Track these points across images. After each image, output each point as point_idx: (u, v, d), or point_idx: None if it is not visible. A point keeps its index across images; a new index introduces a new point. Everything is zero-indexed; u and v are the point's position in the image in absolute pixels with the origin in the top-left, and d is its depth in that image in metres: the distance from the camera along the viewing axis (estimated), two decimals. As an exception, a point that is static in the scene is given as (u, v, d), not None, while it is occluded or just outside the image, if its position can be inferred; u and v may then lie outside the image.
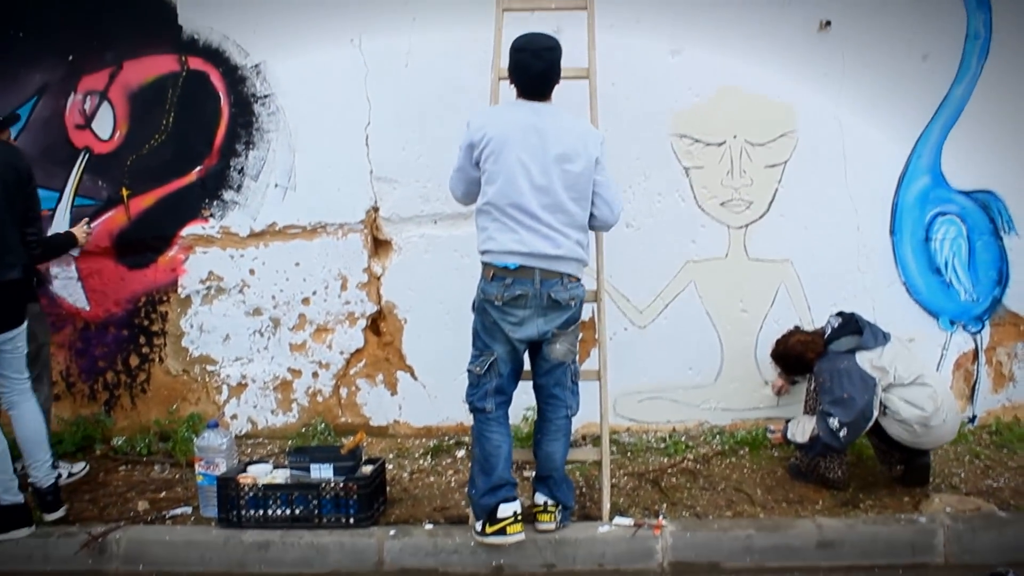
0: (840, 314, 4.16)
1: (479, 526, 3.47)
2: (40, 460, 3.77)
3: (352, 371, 4.75)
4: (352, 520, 3.67)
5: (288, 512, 3.68)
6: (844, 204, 4.60)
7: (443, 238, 4.58)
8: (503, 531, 3.41)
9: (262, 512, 3.68)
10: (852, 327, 4.03)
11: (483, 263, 3.47)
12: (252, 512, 3.69)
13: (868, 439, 4.05)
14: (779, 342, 4.27)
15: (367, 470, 3.81)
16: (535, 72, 3.42)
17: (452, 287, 4.38)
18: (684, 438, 4.63)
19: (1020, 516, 3.72)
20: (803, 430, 3.96)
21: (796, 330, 4.31)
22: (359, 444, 3.89)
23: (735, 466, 4.35)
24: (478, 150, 3.40)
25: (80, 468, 4.35)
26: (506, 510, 3.42)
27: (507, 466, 3.51)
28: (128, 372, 4.80)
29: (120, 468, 4.51)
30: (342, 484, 3.67)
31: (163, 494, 4.18)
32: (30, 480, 3.79)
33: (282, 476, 3.82)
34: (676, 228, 4.59)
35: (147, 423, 4.79)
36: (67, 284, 4.69)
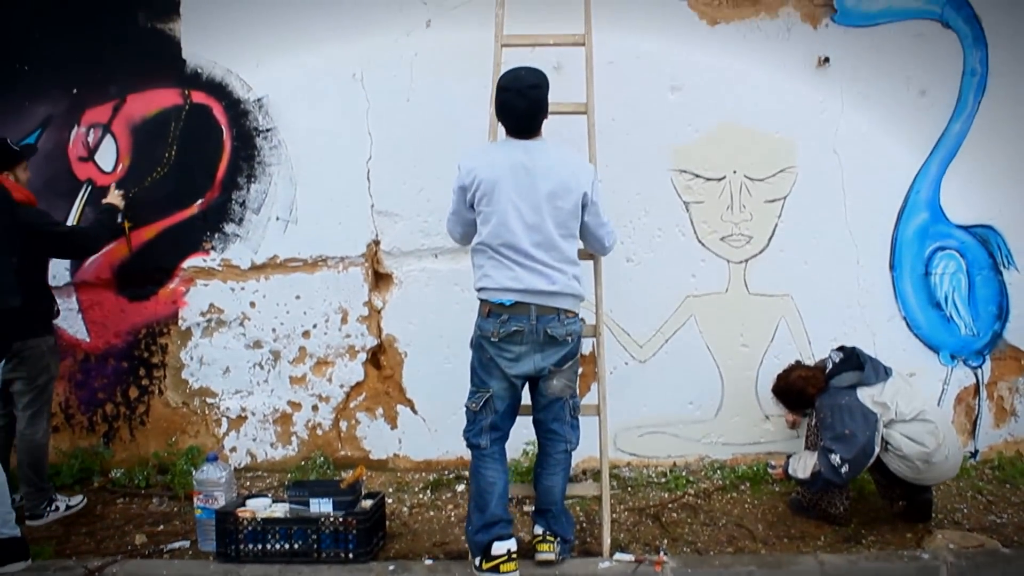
0: (841, 349, 4.15)
1: (476, 562, 3.46)
2: None
3: (352, 404, 4.74)
4: (351, 555, 3.64)
5: (287, 546, 3.65)
6: (844, 239, 4.61)
7: (444, 272, 4.59)
8: (497, 568, 3.39)
9: (261, 546, 3.65)
10: (853, 362, 4.02)
11: (479, 300, 3.49)
12: (251, 546, 3.66)
13: (870, 475, 4.03)
14: (780, 377, 4.26)
15: (367, 504, 3.79)
16: (520, 112, 3.42)
17: (453, 321, 4.39)
18: (685, 473, 4.60)
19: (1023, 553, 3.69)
20: (804, 465, 3.94)
21: (797, 365, 4.30)
22: (359, 478, 3.88)
23: (736, 501, 4.33)
24: (470, 192, 3.43)
25: (78, 501, 4.34)
26: (500, 548, 3.41)
27: (501, 503, 3.50)
28: (127, 404, 4.79)
29: (118, 501, 4.48)
30: (341, 519, 3.65)
31: (161, 527, 4.15)
32: None
33: (281, 510, 3.79)
34: (676, 263, 4.60)
35: (146, 455, 4.77)
36: (68, 316, 4.67)
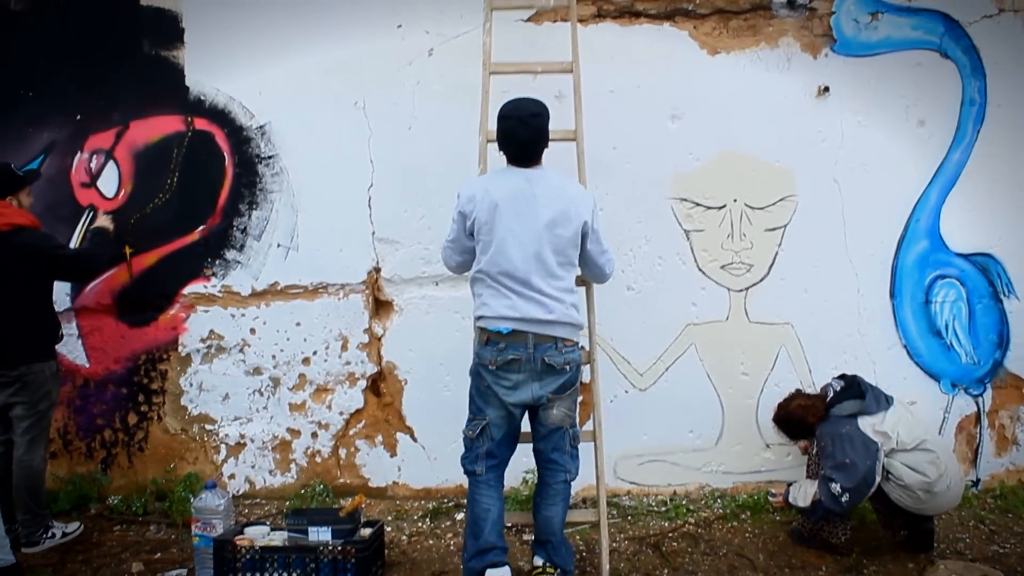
0: (842, 377, 4.15)
1: None
2: None
3: (351, 432, 4.72)
4: (350, 584, 3.62)
5: (285, 575, 3.63)
6: (844, 267, 4.62)
7: (444, 300, 4.59)
8: None
9: (259, 575, 3.63)
10: (854, 391, 4.02)
11: (478, 328, 3.49)
12: (248, 575, 3.63)
13: (871, 504, 4.01)
14: (780, 406, 4.25)
15: (365, 533, 3.77)
16: (522, 140, 3.45)
17: (453, 349, 4.39)
18: (685, 501, 4.58)
19: (1027, 584, 3.69)
20: (805, 494, 3.93)
21: (797, 394, 4.30)
22: (358, 507, 3.86)
23: (737, 530, 4.30)
24: (470, 220, 3.44)
25: (74, 528, 4.32)
26: (494, 575, 3.40)
27: (495, 530, 3.48)
28: (126, 430, 4.77)
29: (115, 528, 4.46)
30: (340, 547, 3.63)
31: (158, 555, 4.12)
32: None
33: (279, 538, 3.77)
34: (677, 291, 4.60)
35: (144, 482, 4.74)
36: (68, 341, 4.66)
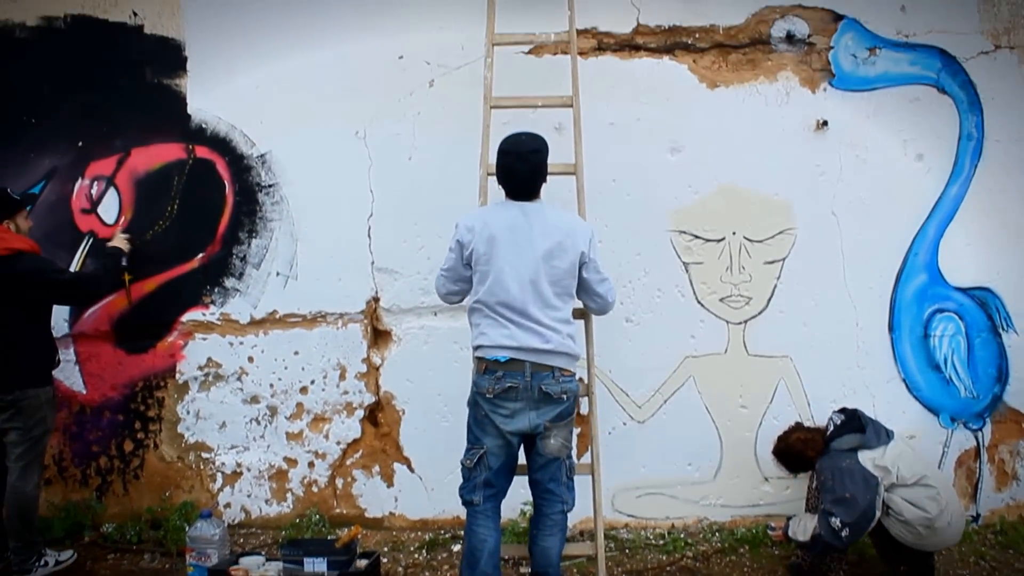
0: (843, 411, 4.13)
1: None
2: None
3: (348, 462, 4.70)
4: (345, 616, 3.60)
5: (279, 607, 3.62)
6: (843, 300, 4.62)
7: (443, 330, 4.58)
8: None
9: (253, 607, 3.63)
10: (855, 425, 4.00)
11: (476, 358, 3.50)
12: (242, 607, 3.63)
13: (871, 539, 4.00)
14: (780, 439, 4.23)
15: (362, 564, 3.77)
16: (521, 176, 3.49)
17: (451, 379, 4.37)
18: (683, 535, 4.55)
19: (1028, 623, 3.66)
20: (804, 528, 3.91)
21: (797, 427, 4.28)
22: (354, 538, 3.84)
23: (735, 564, 4.28)
24: (468, 250, 3.47)
25: (67, 556, 4.28)
26: None
27: (491, 561, 3.46)
28: (122, 458, 4.75)
29: (109, 556, 4.43)
30: (336, 579, 3.61)
31: (152, 586, 4.11)
32: None
33: (275, 569, 3.76)
34: (675, 323, 4.60)
35: (139, 510, 4.71)
36: (65, 367, 4.64)
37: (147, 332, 4.72)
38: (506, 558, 4.11)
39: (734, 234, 4.60)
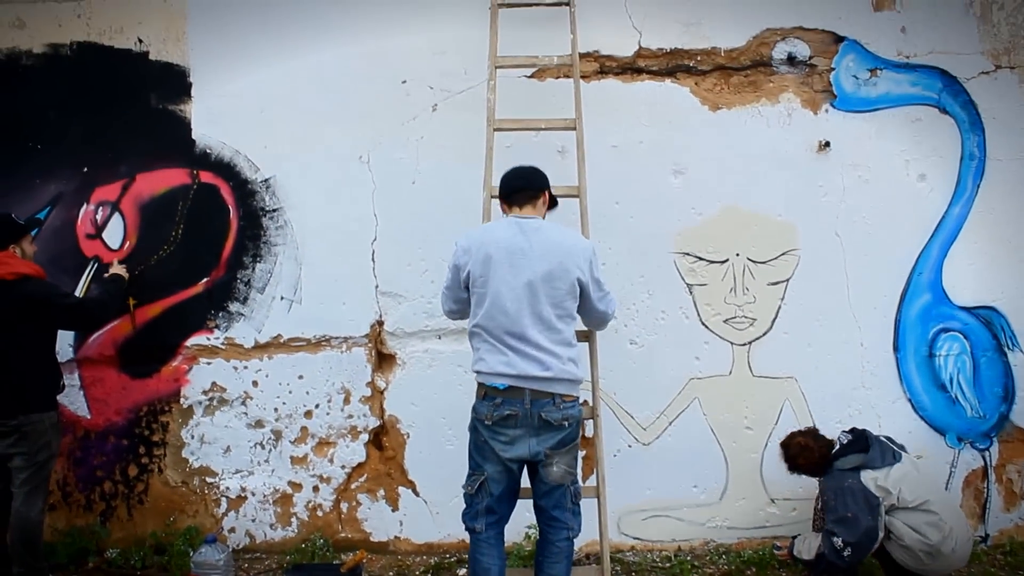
0: (852, 431, 4.12)
1: None
2: None
3: (353, 486, 4.69)
4: (350, 645, 3.59)
5: (284, 636, 3.61)
6: (847, 321, 4.62)
7: (447, 353, 4.58)
8: None
9: (257, 636, 3.61)
10: (860, 444, 4.00)
11: (477, 382, 3.47)
12: (247, 636, 3.62)
13: (877, 561, 3.97)
14: (789, 435, 4.24)
15: (366, 591, 3.74)
16: (514, 182, 3.55)
17: (455, 402, 4.38)
18: (689, 557, 4.53)
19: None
20: (809, 547, 3.92)
21: (808, 432, 4.22)
22: (359, 562, 3.84)
23: (742, 588, 4.26)
24: (464, 272, 3.44)
25: (72, 583, 4.28)
26: None
27: None
28: (126, 482, 4.74)
29: (113, 582, 4.42)
30: (340, 607, 3.60)
31: (156, 612, 4.10)
32: None
33: (279, 596, 3.74)
34: (680, 345, 4.60)
35: (143, 535, 4.70)
36: (69, 392, 4.65)
37: (152, 357, 4.72)
38: (512, 583, 4.09)
39: (738, 255, 4.61)
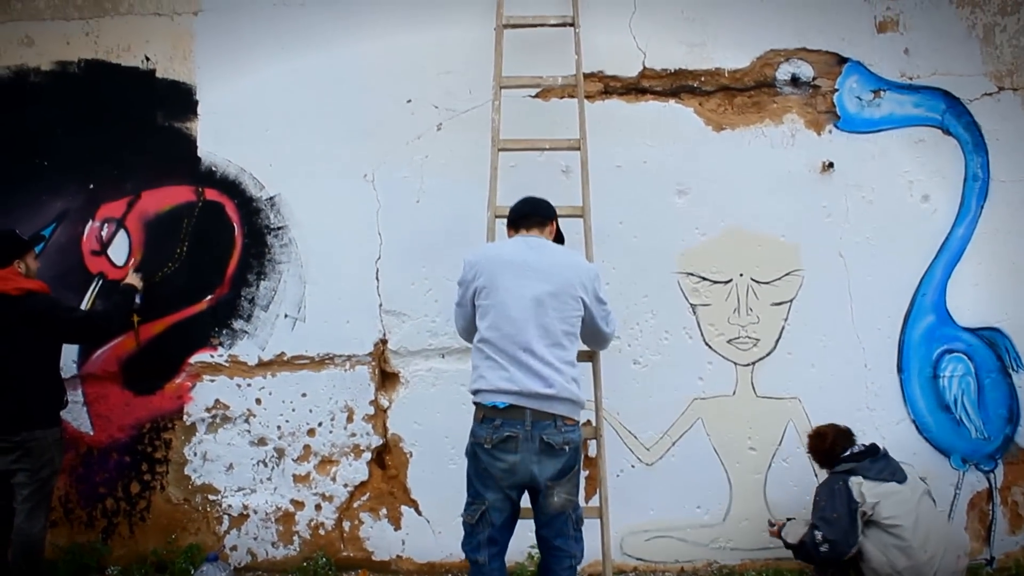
0: (871, 444, 4.15)
1: None
2: None
3: (356, 504, 4.67)
4: (351, 667, 3.57)
5: (285, 657, 3.59)
6: (851, 341, 4.61)
7: (450, 372, 4.58)
8: None
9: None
10: (867, 454, 4.06)
11: (474, 404, 3.41)
12: (248, 656, 3.60)
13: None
14: (819, 426, 4.31)
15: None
16: (523, 208, 3.59)
17: (459, 421, 4.30)
18: (693, 579, 4.52)
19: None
20: (795, 533, 4.07)
21: (836, 426, 4.26)
22: (360, 583, 3.81)
23: (746, 610, 4.24)
24: (472, 287, 3.43)
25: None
26: None
27: None
28: (128, 499, 4.73)
29: (114, 600, 4.42)
30: (342, 628, 3.58)
31: (157, 631, 4.08)
32: None
33: (280, 616, 3.72)
34: (683, 365, 4.60)
35: (144, 553, 4.68)
36: (72, 408, 4.64)
37: (155, 374, 4.72)
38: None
39: (741, 276, 4.61)
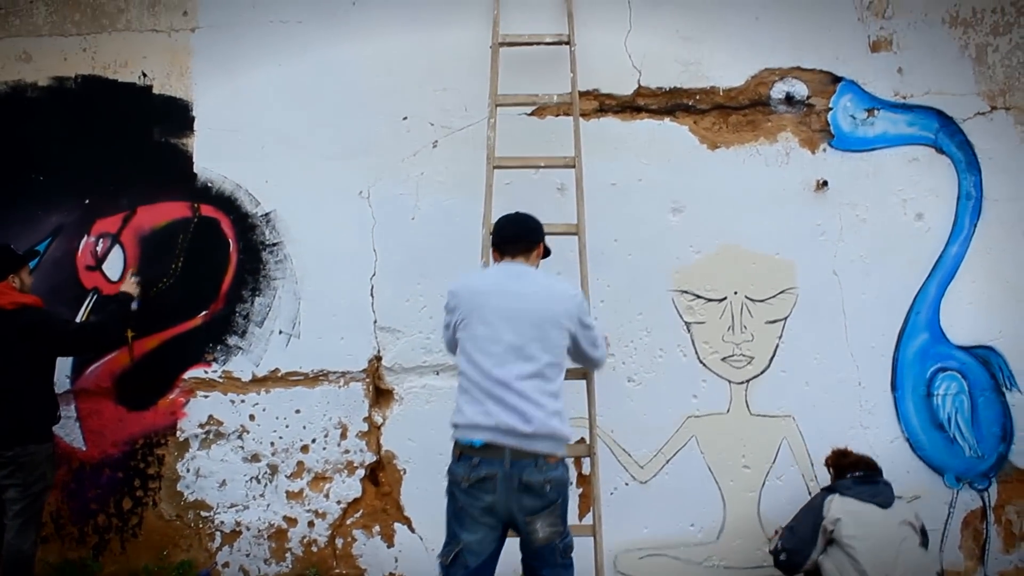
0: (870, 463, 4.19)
1: None
2: None
3: (349, 521, 4.65)
4: None
5: (276, 677, 3.57)
6: (845, 360, 4.62)
7: (445, 389, 4.56)
8: None
9: (249, 676, 3.57)
10: (861, 477, 4.08)
11: (453, 440, 3.30)
12: (239, 676, 3.57)
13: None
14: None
15: (360, 630, 3.69)
16: (512, 228, 3.46)
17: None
18: (687, 597, 4.51)
19: None
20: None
21: (860, 454, 4.28)
22: (353, 601, 3.79)
23: (740, 629, 4.23)
24: (455, 316, 3.36)
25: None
26: None
27: None
28: (120, 515, 4.70)
29: (105, 618, 4.39)
30: (334, 647, 3.56)
31: (147, 649, 4.05)
32: None
33: (272, 634, 3.70)
34: (678, 383, 4.60)
35: (136, 569, 4.65)
36: (65, 423, 4.61)
37: (149, 389, 4.70)
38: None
39: (736, 294, 4.62)
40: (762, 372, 4.61)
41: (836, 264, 4.64)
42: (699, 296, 4.62)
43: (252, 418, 4.66)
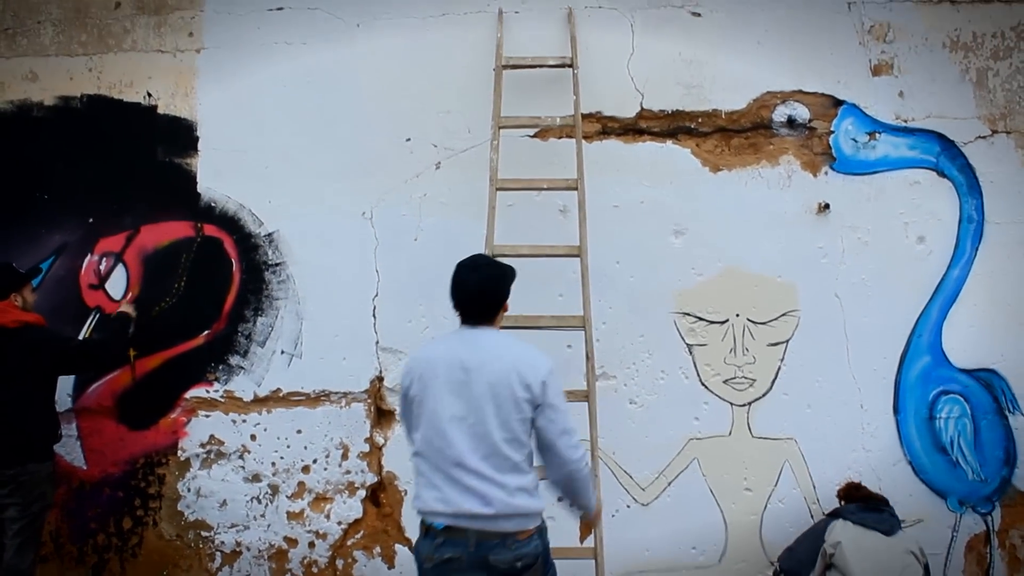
0: (884, 501, 4.18)
1: None
2: None
3: (349, 542, 4.64)
4: None
5: None
6: (847, 382, 4.61)
7: (446, 410, 4.57)
8: None
9: None
10: (863, 504, 4.08)
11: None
12: None
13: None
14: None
15: (360, 653, 3.66)
16: (469, 288, 3.04)
17: (454, 460, 4.35)
18: (688, 621, 4.49)
19: None
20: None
21: (859, 485, 4.33)
22: (353, 624, 3.78)
23: (741, 654, 4.21)
24: (410, 392, 3.06)
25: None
26: None
27: None
28: (120, 535, 4.69)
29: (103, 639, 4.37)
30: (333, 671, 3.53)
31: (146, 672, 4.03)
32: None
33: (271, 657, 3.68)
34: (679, 405, 4.59)
35: (135, 590, 4.66)
36: (66, 442, 4.62)
37: (150, 408, 4.70)
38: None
39: (737, 316, 4.62)
40: (764, 395, 4.61)
41: (838, 287, 4.64)
42: (701, 318, 4.62)
43: (253, 438, 4.66)
